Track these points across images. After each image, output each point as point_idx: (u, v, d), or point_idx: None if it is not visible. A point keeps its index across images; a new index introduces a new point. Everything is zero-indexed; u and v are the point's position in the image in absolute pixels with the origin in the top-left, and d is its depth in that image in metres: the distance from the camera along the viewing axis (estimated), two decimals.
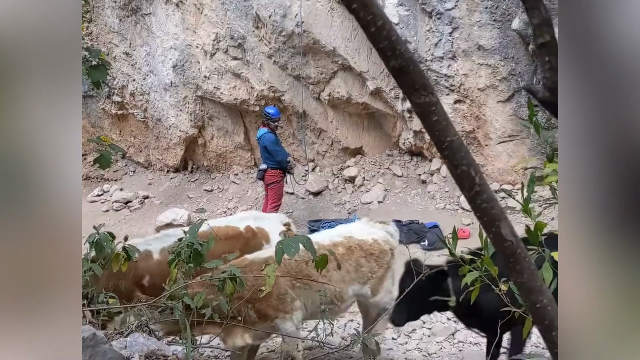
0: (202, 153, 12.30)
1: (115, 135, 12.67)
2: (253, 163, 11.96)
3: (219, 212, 11.15)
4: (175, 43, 11.32)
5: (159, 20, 11.39)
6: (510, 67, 9.26)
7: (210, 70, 11.23)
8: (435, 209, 9.96)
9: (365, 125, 11.38)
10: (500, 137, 9.70)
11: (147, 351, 3.27)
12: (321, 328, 4.40)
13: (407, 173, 10.79)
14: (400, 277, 5.04)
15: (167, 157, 12.34)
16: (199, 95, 11.55)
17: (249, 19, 10.67)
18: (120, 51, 11.81)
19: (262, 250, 5.06)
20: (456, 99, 9.78)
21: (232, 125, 11.92)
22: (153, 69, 11.70)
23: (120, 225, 10.98)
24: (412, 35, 9.66)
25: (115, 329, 3.72)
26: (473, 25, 9.33)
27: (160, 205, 11.67)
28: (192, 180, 12.21)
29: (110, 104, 12.34)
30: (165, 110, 11.88)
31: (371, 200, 10.52)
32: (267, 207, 10.20)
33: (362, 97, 10.69)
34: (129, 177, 12.63)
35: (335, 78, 10.75)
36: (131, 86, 11.97)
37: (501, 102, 9.47)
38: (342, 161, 11.48)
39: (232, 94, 11.31)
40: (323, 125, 11.38)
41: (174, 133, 12.03)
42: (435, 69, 9.69)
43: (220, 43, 10.99)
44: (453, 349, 6.51)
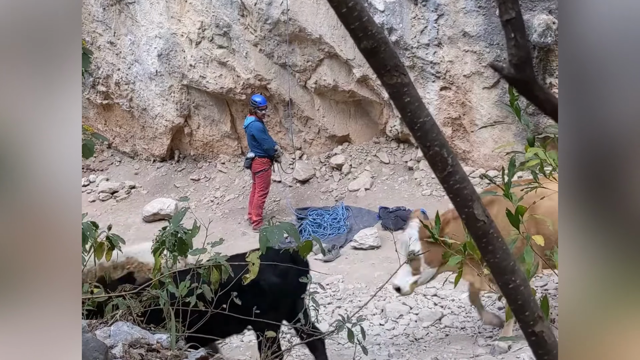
0: (188, 142, 12.25)
1: (100, 125, 12.58)
2: (240, 152, 11.92)
3: (206, 201, 11.12)
4: (160, 32, 11.24)
5: (143, 9, 11.29)
6: (495, 54, 9.27)
7: (196, 58, 11.16)
8: (421, 195, 9.99)
9: (352, 113, 11.37)
10: (486, 123, 9.73)
11: (131, 340, 3.26)
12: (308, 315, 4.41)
13: (394, 160, 10.81)
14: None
15: (154, 146, 12.28)
16: (184, 84, 11.49)
17: (234, 7, 10.61)
18: (104, 40, 11.71)
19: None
20: (442, 86, 9.79)
21: (219, 114, 11.87)
22: (138, 58, 11.61)
23: (107, 215, 10.94)
24: (397, 22, 9.65)
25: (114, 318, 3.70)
26: (458, 12, 9.33)
27: (147, 195, 11.62)
28: (178, 170, 12.17)
29: (95, 94, 12.24)
30: (150, 100, 11.81)
31: (358, 188, 10.54)
32: (255, 195, 10.20)
33: (349, 85, 10.68)
34: (115, 167, 12.56)
35: (322, 66, 10.73)
36: (116, 75, 11.88)
37: (487, 89, 9.49)
38: (329, 149, 11.48)
39: (218, 82, 11.25)
40: (310, 113, 11.36)
41: (159, 122, 11.96)
42: (421, 55, 9.69)
43: (205, 31, 10.92)
44: (440, 333, 6.55)
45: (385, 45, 1.22)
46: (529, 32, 8.84)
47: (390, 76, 1.23)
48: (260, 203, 10.16)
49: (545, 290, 6.89)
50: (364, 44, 1.22)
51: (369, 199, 10.26)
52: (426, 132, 1.24)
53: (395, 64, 1.23)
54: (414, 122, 1.24)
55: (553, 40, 8.87)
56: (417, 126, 1.24)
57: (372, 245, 8.91)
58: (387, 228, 9.25)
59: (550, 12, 8.87)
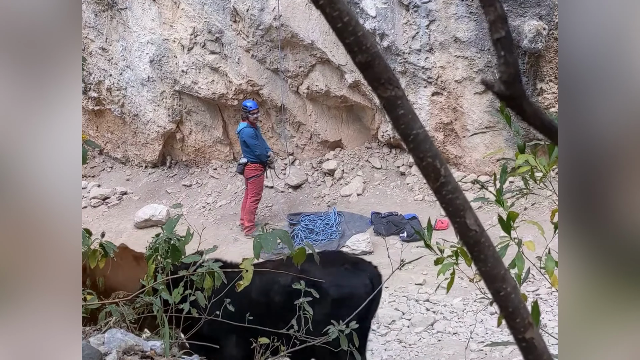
0: (180, 148, 12.25)
1: (92, 131, 12.55)
2: (232, 157, 11.93)
3: (198, 207, 11.12)
4: (152, 38, 11.25)
5: (135, 15, 11.29)
6: (486, 59, 9.34)
7: (188, 64, 11.17)
8: (413, 201, 10.03)
9: (344, 118, 11.41)
10: (477, 128, 9.79)
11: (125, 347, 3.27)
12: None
13: (386, 165, 10.85)
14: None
15: (145, 152, 12.27)
16: (176, 90, 11.49)
17: (226, 12, 10.64)
18: (96, 46, 11.70)
19: None
20: (434, 91, 9.85)
21: (211, 120, 11.88)
22: (130, 64, 11.61)
23: (99, 221, 10.91)
24: (389, 28, 9.71)
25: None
26: (450, 17, 9.39)
27: (139, 201, 11.60)
28: (170, 176, 12.16)
29: (87, 100, 12.22)
30: (142, 106, 11.80)
31: (350, 193, 10.57)
32: (247, 201, 10.21)
33: (341, 90, 10.72)
34: (106, 173, 12.53)
35: (314, 71, 10.76)
36: (108, 81, 11.87)
37: (478, 94, 9.56)
38: (321, 154, 11.51)
39: (210, 88, 11.27)
40: (302, 118, 11.39)
41: (151, 128, 11.95)
42: (412, 61, 9.75)
43: (197, 37, 10.94)
44: (432, 339, 6.59)
45: (379, 59, 1.25)
46: (520, 38, 8.92)
47: (384, 89, 1.25)
48: (253, 209, 10.16)
49: (537, 295, 6.94)
50: (359, 58, 1.25)
51: (361, 204, 10.29)
52: (419, 143, 1.27)
53: (388, 77, 1.25)
54: (407, 134, 1.26)
55: (543, 45, 8.95)
56: (410, 138, 1.27)
57: (365, 251, 8.93)
58: (380, 233, 9.28)
59: (540, 17, 8.95)
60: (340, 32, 1.24)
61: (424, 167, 1.27)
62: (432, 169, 1.26)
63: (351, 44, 1.24)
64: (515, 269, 2.97)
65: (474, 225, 1.26)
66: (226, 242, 9.74)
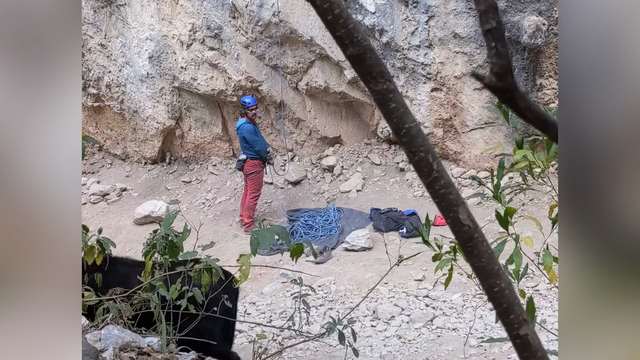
0: (179, 144, 12.23)
1: (91, 128, 12.53)
2: (231, 154, 11.91)
3: (198, 204, 11.11)
4: (151, 34, 11.22)
5: (134, 11, 11.26)
6: (485, 55, 9.31)
7: (187, 61, 11.15)
8: (413, 197, 10.02)
9: (343, 115, 11.38)
10: (477, 124, 9.77)
11: (122, 343, 3.26)
12: (298, 317, 4.42)
13: (386, 161, 10.83)
14: None
15: (145, 149, 12.25)
16: (175, 86, 11.47)
17: (225, 9, 10.60)
18: (95, 43, 11.67)
19: None
20: (433, 87, 9.83)
21: (210, 116, 11.86)
22: (129, 61, 11.59)
23: (98, 217, 10.90)
24: (388, 24, 9.68)
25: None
26: (449, 13, 9.36)
27: (138, 197, 11.59)
28: (170, 172, 12.14)
29: (86, 96, 12.19)
30: (141, 102, 11.78)
31: (350, 189, 10.55)
32: (247, 197, 10.20)
33: (340, 87, 10.69)
34: (106, 169, 12.51)
35: (313, 67, 10.74)
36: (107, 78, 11.85)
37: (477, 90, 9.52)
38: (320, 150, 11.48)
39: (209, 84, 11.24)
40: (301, 114, 11.37)
41: (151, 125, 11.93)
42: (412, 57, 9.73)
43: (196, 33, 10.91)
44: (431, 335, 6.58)
45: (371, 52, 1.23)
46: (520, 34, 8.89)
47: (376, 82, 1.24)
48: (252, 205, 10.15)
49: (536, 291, 6.93)
50: (350, 51, 1.24)
51: (360, 201, 10.27)
52: (412, 138, 1.25)
53: (380, 71, 1.24)
54: (399, 128, 1.25)
55: (543, 41, 8.92)
56: (402, 132, 1.25)
57: (364, 247, 8.93)
58: (379, 229, 9.26)
59: (540, 13, 8.92)
60: (331, 24, 1.23)
61: (417, 161, 1.26)
62: (424, 163, 1.25)
63: (342, 37, 1.23)
64: (513, 265, 2.97)
65: (467, 220, 1.25)
66: (225, 239, 9.73)
